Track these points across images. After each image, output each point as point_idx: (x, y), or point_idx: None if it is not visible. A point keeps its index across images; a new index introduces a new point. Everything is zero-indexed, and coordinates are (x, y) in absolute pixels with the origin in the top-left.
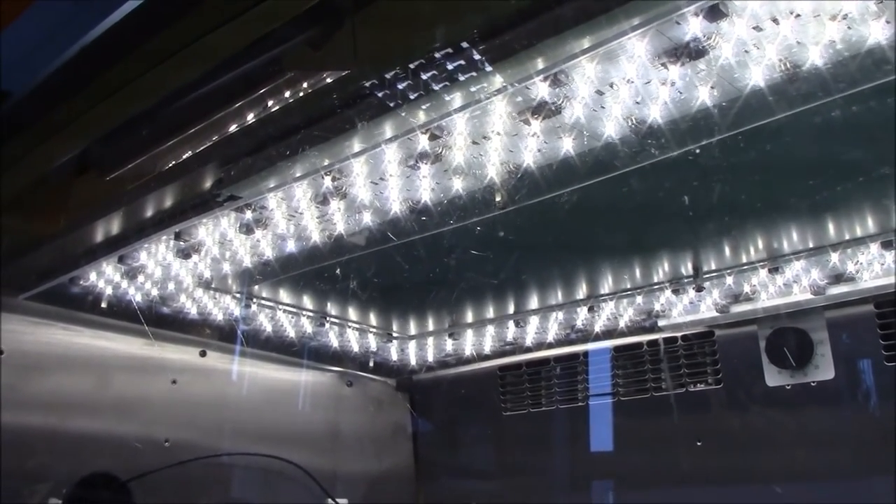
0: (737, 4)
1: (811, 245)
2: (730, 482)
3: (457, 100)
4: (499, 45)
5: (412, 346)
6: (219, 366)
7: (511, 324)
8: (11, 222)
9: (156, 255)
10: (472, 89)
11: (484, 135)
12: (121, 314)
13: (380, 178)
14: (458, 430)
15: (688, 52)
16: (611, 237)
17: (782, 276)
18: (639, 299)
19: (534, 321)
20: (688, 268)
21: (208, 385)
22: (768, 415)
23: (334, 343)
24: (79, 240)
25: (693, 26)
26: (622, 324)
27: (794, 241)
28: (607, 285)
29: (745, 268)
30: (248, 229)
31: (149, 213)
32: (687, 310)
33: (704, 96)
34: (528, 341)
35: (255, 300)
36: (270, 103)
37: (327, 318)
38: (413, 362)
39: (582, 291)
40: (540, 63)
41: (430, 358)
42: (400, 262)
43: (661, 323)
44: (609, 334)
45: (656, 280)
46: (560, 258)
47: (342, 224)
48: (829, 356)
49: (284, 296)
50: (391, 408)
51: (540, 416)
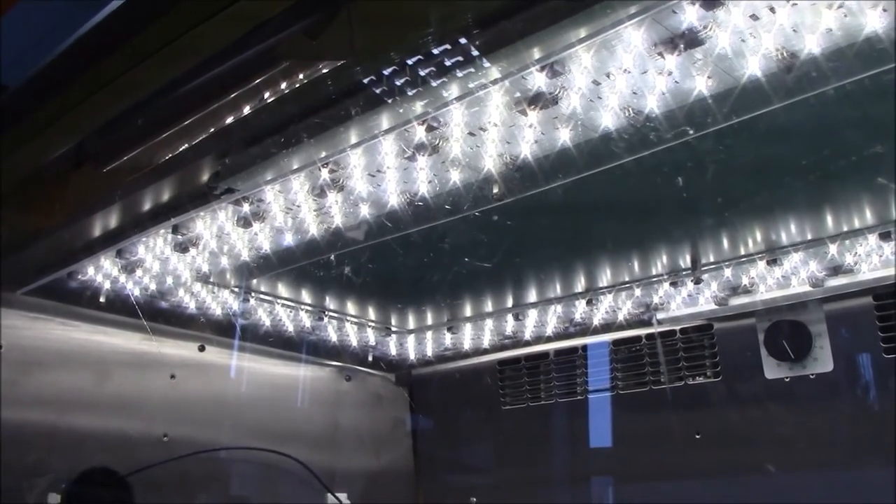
0: None
1: (809, 237)
2: (728, 475)
3: (454, 90)
4: (495, 35)
5: (411, 340)
6: (217, 361)
7: (510, 317)
8: (8, 216)
9: (153, 249)
10: (469, 80)
11: (481, 126)
12: (119, 309)
13: (377, 170)
14: (457, 424)
15: (684, 41)
16: (609, 229)
17: (781, 269)
18: (637, 292)
19: (532, 315)
20: (686, 260)
21: (207, 380)
22: (767, 407)
23: (333, 337)
24: (76, 234)
25: (689, 15)
26: (621, 317)
27: (792, 233)
28: (606, 278)
29: (744, 260)
30: (245, 222)
31: (146, 206)
32: (685, 302)
33: (701, 86)
34: (527, 335)
35: (253, 294)
36: (266, 94)
37: (326, 313)
38: (412, 356)
39: (580, 284)
40: (536, 52)
41: (429, 352)
42: (398, 256)
43: (660, 316)
44: (608, 328)
45: (654, 273)
46: (558, 251)
47: (340, 217)
48: (827, 349)
49: (283, 290)
50: (390, 402)
51: (539, 410)
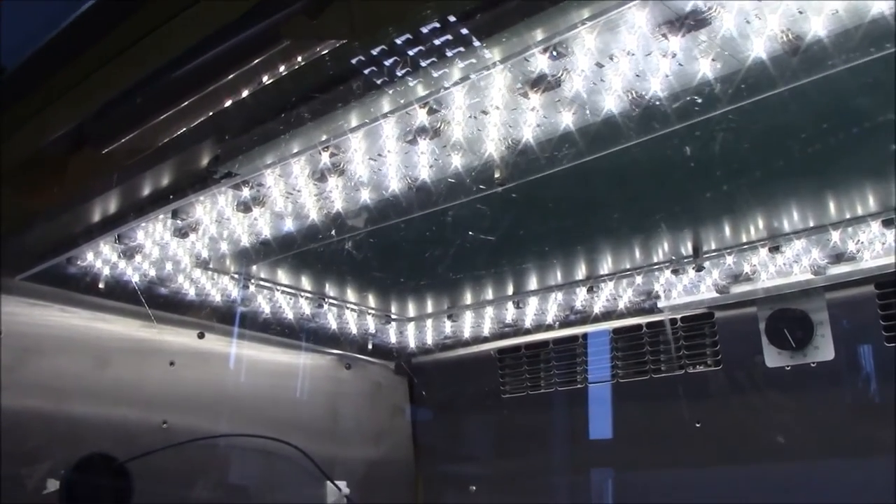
0: None
1: (812, 224)
2: (729, 463)
3: (455, 72)
4: (497, 15)
5: (411, 328)
6: (217, 348)
7: (510, 305)
8: (8, 199)
9: (153, 234)
10: (471, 62)
11: (483, 109)
12: (118, 295)
13: (378, 154)
14: (457, 412)
15: (688, 22)
16: (610, 216)
17: (783, 256)
18: (638, 280)
19: (533, 302)
20: (688, 248)
21: (206, 367)
22: (768, 396)
23: (333, 325)
24: (75, 219)
25: None
26: (621, 305)
27: (794, 220)
28: (607, 266)
29: (746, 247)
30: (245, 207)
31: (146, 190)
32: (687, 290)
33: (705, 69)
34: (528, 323)
35: (253, 281)
36: (266, 75)
37: (326, 300)
38: (412, 345)
39: (581, 272)
40: (539, 34)
41: (429, 340)
42: (398, 243)
43: (661, 304)
44: (608, 316)
45: (656, 260)
46: (559, 237)
47: (340, 202)
48: (829, 337)
49: (282, 276)
50: (390, 390)
51: (539, 399)
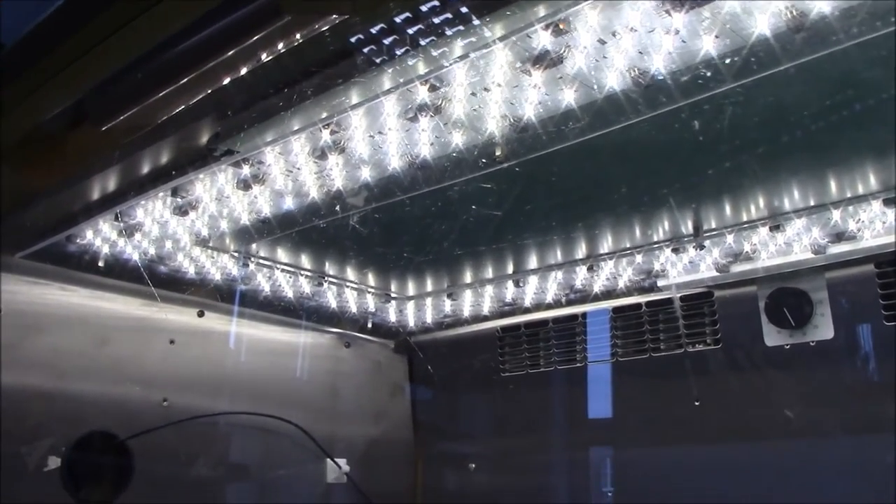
0: None
1: (812, 203)
2: (728, 441)
3: (457, 49)
4: None
5: (410, 306)
6: (217, 326)
7: (510, 284)
8: (7, 176)
9: (153, 212)
10: (472, 38)
11: (484, 86)
12: (118, 273)
13: (378, 131)
14: (456, 390)
15: None
16: (611, 194)
17: (783, 235)
18: (638, 258)
19: (533, 281)
20: (688, 226)
21: (206, 345)
22: (767, 374)
23: (332, 304)
24: (75, 196)
25: None
26: (621, 284)
27: (795, 199)
28: (607, 244)
29: (746, 226)
30: (245, 185)
31: (145, 168)
32: (687, 269)
33: (709, 46)
34: (528, 302)
35: (252, 259)
36: (267, 51)
37: (325, 278)
38: (411, 323)
39: (581, 251)
40: (541, 10)
41: (429, 319)
42: (398, 221)
43: (661, 283)
44: (608, 295)
45: (656, 239)
46: (560, 216)
47: (341, 180)
48: (828, 316)
49: (282, 255)
50: (389, 369)
51: (539, 377)
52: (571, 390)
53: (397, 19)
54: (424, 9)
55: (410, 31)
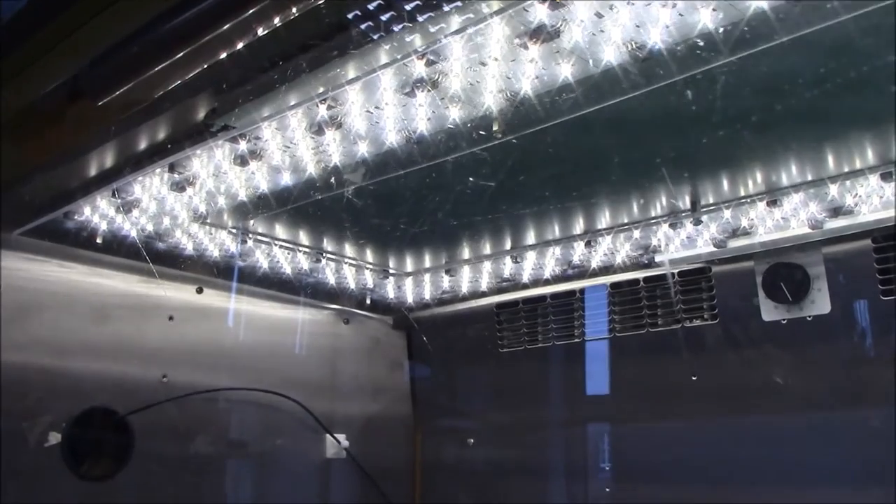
0: None
1: (810, 177)
2: (725, 416)
3: (453, 22)
4: None
5: (409, 283)
6: (215, 303)
7: (508, 260)
8: (5, 152)
9: (150, 188)
10: (469, 11)
11: (481, 60)
12: (116, 250)
13: (375, 106)
14: (455, 366)
15: None
16: (608, 169)
17: (780, 210)
18: (636, 234)
19: (531, 257)
20: (686, 201)
21: (205, 322)
22: (764, 349)
23: (331, 280)
24: (72, 172)
25: None
26: (619, 260)
27: (793, 174)
28: (604, 220)
29: (744, 201)
30: (242, 161)
31: (142, 144)
32: (684, 245)
33: (706, 19)
34: (525, 278)
35: (250, 235)
36: (263, 25)
37: (324, 254)
38: (410, 300)
39: (579, 226)
40: None
41: (427, 295)
42: (396, 197)
43: (658, 258)
44: (606, 270)
45: (654, 214)
46: (557, 191)
47: (338, 155)
48: (825, 291)
49: (280, 231)
50: (388, 345)
51: (536, 353)
52: (569, 366)
53: None
54: None
55: (408, 7)
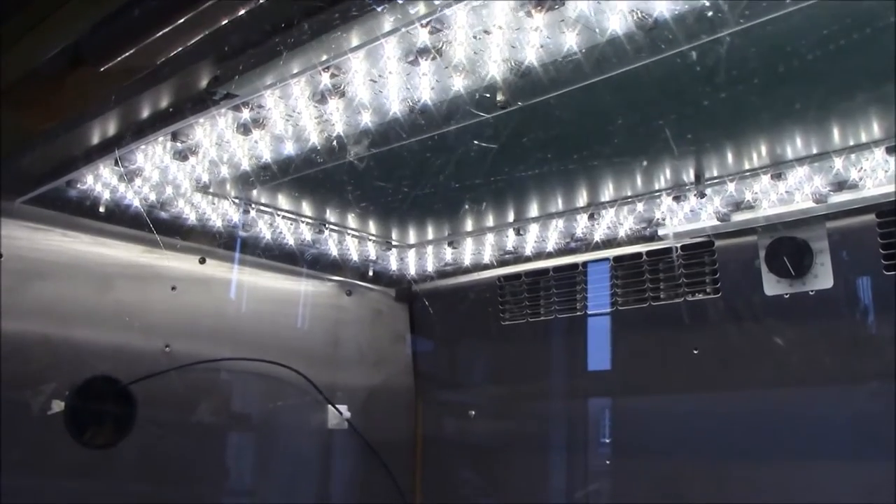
0: None
1: (815, 150)
2: (726, 389)
3: None
4: None
5: (411, 255)
6: (218, 273)
7: (511, 232)
8: (6, 119)
9: (152, 157)
10: None
11: (485, 29)
12: (119, 219)
13: (378, 75)
14: (457, 339)
15: None
16: (613, 141)
17: (785, 183)
18: (639, 207)
19: (534, 229)
20: (689, 174)
21: (208, 292)
22: (766, 323)
23: (333, 251)
24: (74, 140)
25: None
26: (622, 233)
27: (797, 147)
28: (608, 192)
29: (748, 174)
30: (245, 129)
31: (145, 112)
32: (688, 218)
33: None
34: (528, 250)
35: (253, 206)
36: None
37: (326, 225)
38: (412, 272)
39: (582, 199)
40: None
41: (430, 267)
42: (399, 167)
43: (661, 232)
44: (609, 244)
45: (657, 187)
46: (561, 163)
47: (341, 125)
48: (828, 265)
49: (283, 202)
50: (390, 317)
51: (538, 326)
52: (571, 339)
53: None
54: None
55: None
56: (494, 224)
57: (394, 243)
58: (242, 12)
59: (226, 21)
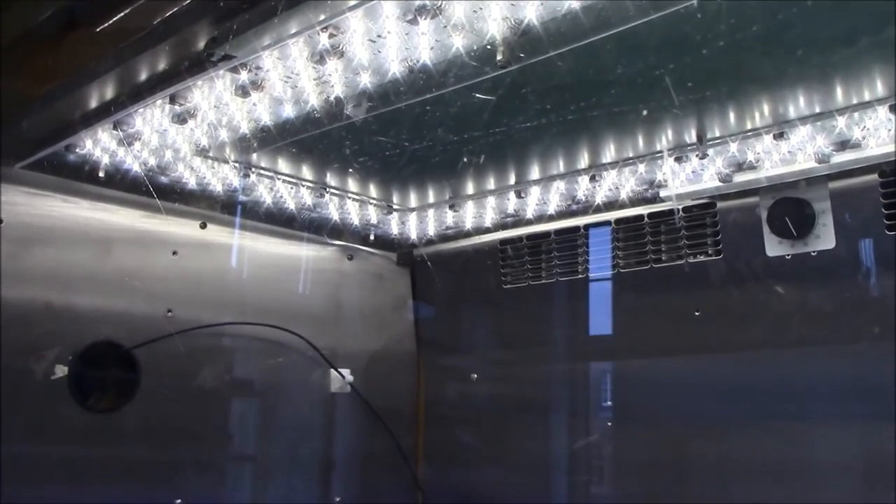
0: None
1: (818, 109)
2: (728, 351)
3: None
4: None
5: (412, 218)
6: (219, 238)
7: (512, 195)
8: (3, 83)
9: (151, 120)
10: None
11: None
12: (119, 184)
13: (377, 35)
14: (459, 302)
15: None
16: (614, 102)
17: (787, 143)
18: (641, 168)
19: (535, 192)
20: (691, 135)
21: (209, 257)
22: (767, 284)
23: (334, 215)
24: (72, 104)
25: None
26: (623, 195)
27: (800, 106)
28: (609, 154)
29: (750, 134)
30: (244, 91)
31: (142, 74)
32: (689, 179)
33: None
34: (529, 213)
35: (253, 169)
36: None
37: (327, 189)
38: (413, 236)
39: (584, 160)
40: None
41: (431, 231)
42: (399, 130)
43: (663, 194)
44: (610, 206)
45: (659, 148)
46: (561, 124)
47: (340, 86)
48: (830, 226)
49: (283, 165)
50: (392, 282)
51: (540, 289)
52: (573, 302)
53: None
54: None
55: None
56: (496, 187)
57: (395, 207)
58: None
59: None
